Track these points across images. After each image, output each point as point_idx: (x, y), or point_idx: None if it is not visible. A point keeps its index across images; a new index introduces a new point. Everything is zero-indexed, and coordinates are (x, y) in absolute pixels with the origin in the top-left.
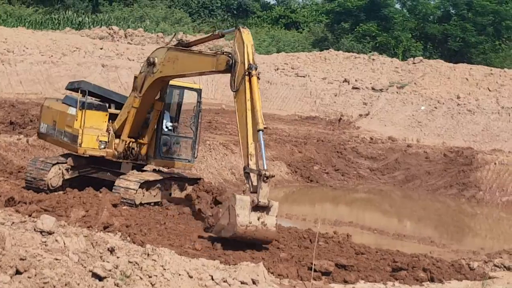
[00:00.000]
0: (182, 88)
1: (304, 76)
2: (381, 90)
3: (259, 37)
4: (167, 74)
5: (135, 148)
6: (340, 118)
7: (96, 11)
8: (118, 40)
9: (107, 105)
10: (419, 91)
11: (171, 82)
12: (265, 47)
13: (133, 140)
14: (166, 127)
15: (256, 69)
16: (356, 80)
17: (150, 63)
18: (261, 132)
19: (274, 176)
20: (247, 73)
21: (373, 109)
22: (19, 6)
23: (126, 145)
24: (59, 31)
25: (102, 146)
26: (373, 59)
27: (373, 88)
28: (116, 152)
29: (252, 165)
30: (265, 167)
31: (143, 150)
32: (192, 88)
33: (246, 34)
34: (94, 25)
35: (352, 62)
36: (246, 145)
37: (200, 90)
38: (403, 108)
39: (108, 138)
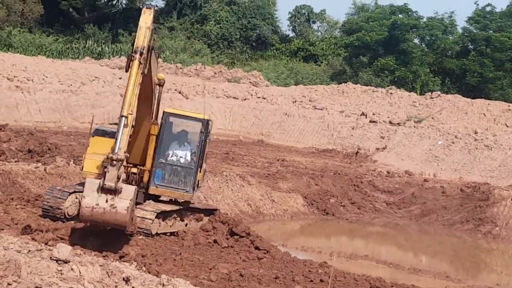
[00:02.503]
0: (186, 117)
1: (321, 109)
2: (398, 124)
3: (278, 69)
4: None
5: (136, 175)
6: (357, 152)
7: (115, 41)
8: None
9: None
10: (436, 125)
11: (174, 111)
12: (283, 79)
13: (133, 166)
14: (175, 157)
15: (141, 54)
16: (373, 114)
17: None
18: (123, 118)
19: (123, 160)
20: (130, 56)
21: (390, 143)
22: (40, 35)
23: (126, 172)
24: (79, 60)
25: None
26: (391, 93)
27: (390, 122)
28: None
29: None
30: (116, 151)
31: (145, 177)
32: (197, 118)
33: (145, 16)
34: (113, 54)
35: (370, 96)
36: None
37: (206, 120)
38: (420, 142)
39: None
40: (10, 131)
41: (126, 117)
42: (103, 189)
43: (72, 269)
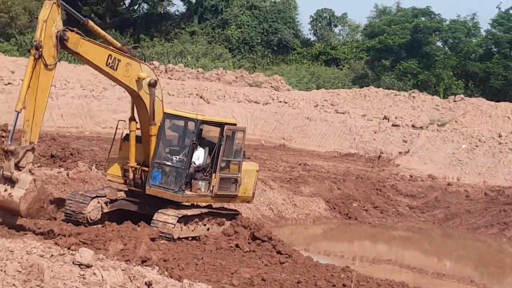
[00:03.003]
0: (181, 118)
1: (343, 113)
2: (421, 127)
3: (299, 73)
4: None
5: (141, 176)
6: (380, 155)
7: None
8: (158, 75)
9: None
10: (460, 129)
11: (171, 112)
12: (305, 83)
13: (138, 167)
14: (168, 157)
15: (36, 48)
16: (396, 118)
17: None
18: (16, 112)
19: (12, 151)
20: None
21: (413, 147)
22: None
23: (133, 173)
24: None
25: (126, 175)
26: (414, 97)
27: (413, 126)
28: (128, 180)
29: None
30: (9, 142)
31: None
32: (190, 118)
33: (44, 9)
34: None
35: (392, 99)
36: None
37: (196, 120)
38: (443, 146)
39: None
40: None
41: (19, 112)
42: (3, 179)
43: (94, 273)
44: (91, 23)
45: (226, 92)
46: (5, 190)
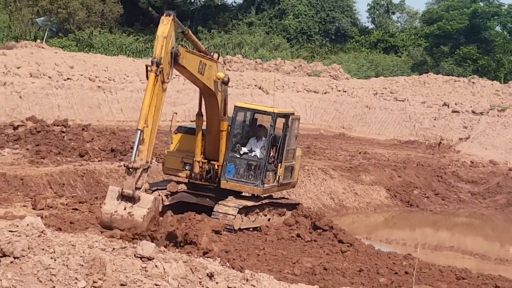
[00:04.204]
0: (256, 111)
1: (403, 100)
2: (481, 113)
3: (358, 62)
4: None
5: (210, 170)
6: (440, 142)
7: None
8: None
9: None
10: None
11: (244, 105)
12: (364, 71)
13: (206, 161)
14: (245, 151)
15: (157, 65)
16: (456, 104)
17: None
18: (138, 131)
19: (138, 168)
20: (147, 67)
21: (473, 133)
22: (120, 34)
23: (200, 167)
24: None
25: (187, 168)
26: (473, 82)
27: (473, 112)
28: (193, 174)
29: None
30: (133, 159)
31: (219, 172)
32: (266, 111)
33: (162, 25)
34: None
35: (451, 86)
36: None
37: (275, 114)
38: (504, 131)
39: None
40: (93, 131)
41: (142, 131)
42: (122, 197)
43: (156, 266)
44: (190, 32)
45: (284, 82)
46: (124, 209)
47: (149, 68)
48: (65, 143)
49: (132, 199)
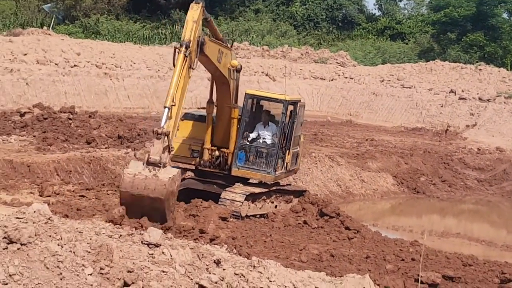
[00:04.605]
0: (267, 98)
1: (410, 87)
2: (488, 100)
3: (365, 49)
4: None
5: (220, 157)
6: (447, 129)
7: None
8: None
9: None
10: None
11: (255, 93)
12: (371, 58)
13: (216, 148)
14: (257, 138)
15: (187, 47)
16: (462, 91)
17: None
18: (166, 109)
19: (167, 134)
20: (175, 49)
21: (480, 120)
22: (127, 22)
23: (210, 154)
24: (166, 45)
25: (195, 155)
26: (480, 69)
27: (480, 99)
28: (202, 161)
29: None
30: (162, 125)
31: (229, 160)
32: (277, 99)
33: (193, 11)
34: None
35: (458, 73)
36: None
37: (286, 101)
38: (511, 118)
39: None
40: (99, 118)
41: (169, 109)
42: (148, 163)
43: (163, 252)
44: (212, 20)
45: (291, 69)
46: (150, 171)
47: (177, 50)
48: (72, 130)
49: (157, 165)
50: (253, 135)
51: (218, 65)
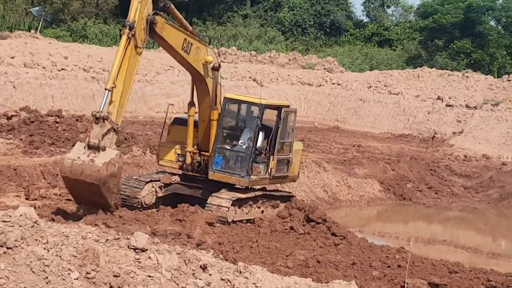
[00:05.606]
0: (244, 102)
1: (397, 94)
2: (475, 107)
3: (352, 55)
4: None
5: (200, 160)
6: (434, 136)
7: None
8: None
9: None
10: None
11: (233, 97)
12: (358, 64)
13: (197, 152)
14: (233, 142)
15: (130, 28)
16: (449, 98)
17: None
18: (106, 91)
19: (105, 118)
20: (120, 30)
21: (467, 127)
22: (115, 25)
23: (192, 158)
24: (153, 50)
25: (180, 159)
26: (467, 77)
27: (467, 106)
28: (184, 165)
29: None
30: (100, 109)
31: (209, 163)
32: (254, 103)
33: None
34: None
35: (445, 80)
36: None
37: (261, 105)
38: (497, 125)
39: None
40: (86, 121)
41: (110, 91)
42: (88, 147)
43: (149, 257)
44: (172, 6)
45: (279, 75)
46: (87, 156)
47: (121, 31)
48: (59, 134)
49: (97, 149)
50: (241, 141)
51: (186, 56)
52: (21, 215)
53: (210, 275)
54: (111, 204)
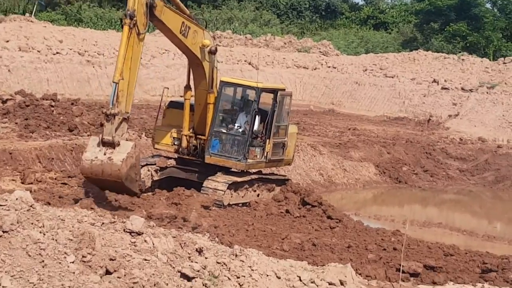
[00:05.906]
0: (240, 86)
1: (392, 77)
2: (470, 90)
3: (348, 38)
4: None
5: (196, 144)
6: (429, 119)
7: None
8: None
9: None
10: (509, 91)
11: (229, 80)
12: (354, 48)
13: (194, 136)
14: (229, 125)
15: (131, 17)
16: (445, 81)
17: None
18: (114, 84)
19: (116, 114)
20: (121, 20)
21: (462, 110)
22: (110, 9)
23: (188, 141)
24: (149, 33)
25: (176, 143)
26: (463, 59)
27: (462, 89)
28: (180, 149)
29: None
30: (110, 106)
31: (205, 147)
32: (250, 86)
33: None
34: None
35: (441, 63)
36: None
37: (257, 88)
38: (493, 108)
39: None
40: (82, 105)
41: (118, 83)
42: (102, 143)
43: (145, 241)
44: None
45: (274, 58)
46: (104, 154)
47: (123, 22)
48: (54, 118)
49: (112, 145)
50: (236, 125)
51: (183, 39)
52: (17, 199)
53: (206, 258)
54: (136, 191)
